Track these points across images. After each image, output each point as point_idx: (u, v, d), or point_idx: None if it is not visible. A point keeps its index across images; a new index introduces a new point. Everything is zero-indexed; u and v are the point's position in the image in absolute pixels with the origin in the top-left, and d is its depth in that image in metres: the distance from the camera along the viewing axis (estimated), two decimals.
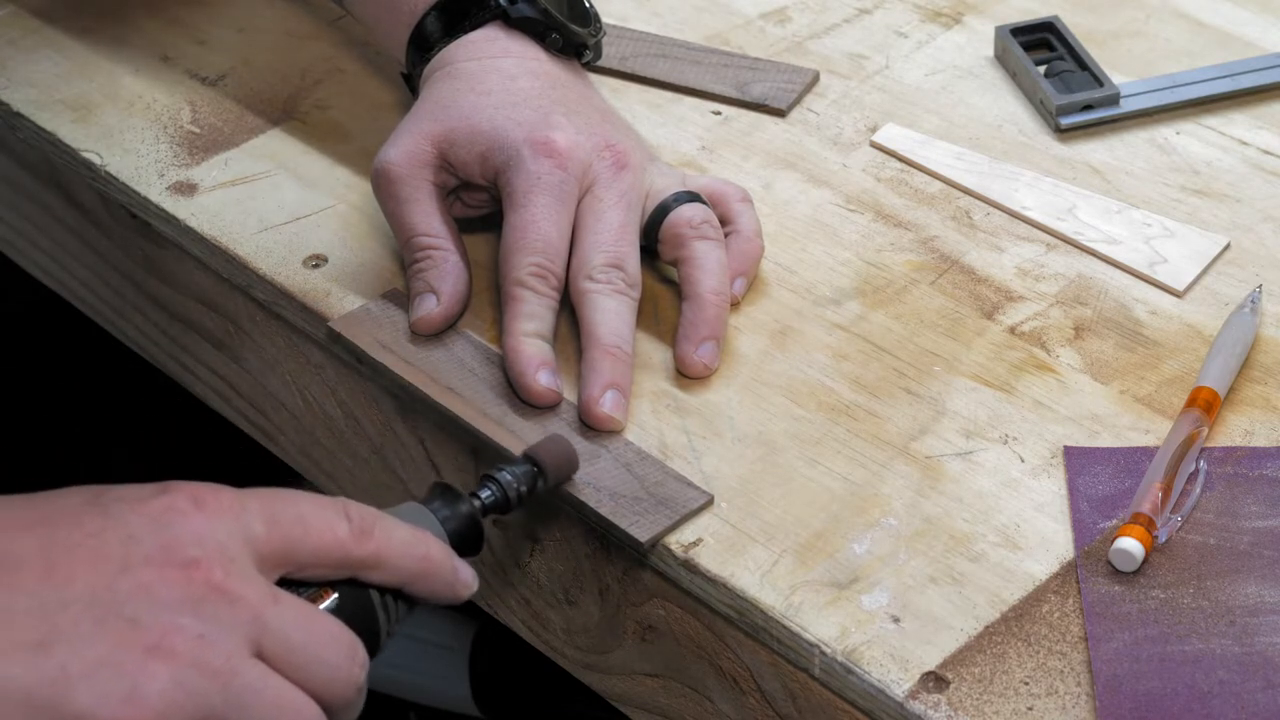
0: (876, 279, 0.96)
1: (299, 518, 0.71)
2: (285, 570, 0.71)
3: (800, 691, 0.81)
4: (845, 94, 1.09)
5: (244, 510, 0.70)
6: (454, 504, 0.78)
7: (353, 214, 1.00)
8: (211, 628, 0.67)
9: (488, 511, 0.79)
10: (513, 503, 0.80)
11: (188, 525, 0.69)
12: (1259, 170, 1.03)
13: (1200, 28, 1.13)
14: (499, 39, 0.98)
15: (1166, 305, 0.95)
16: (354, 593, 0.72)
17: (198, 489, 0.70)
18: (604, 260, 0.91)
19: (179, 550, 0.68)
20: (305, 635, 0.69)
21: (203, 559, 0.68)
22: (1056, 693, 0.77)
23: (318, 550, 0.71)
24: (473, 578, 0.76)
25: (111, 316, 1.11)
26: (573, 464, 0.83)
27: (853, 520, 0.84)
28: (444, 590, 0.75)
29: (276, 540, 0.70)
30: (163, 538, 0.68)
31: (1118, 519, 0.83)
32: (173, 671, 0.65)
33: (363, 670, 0.71)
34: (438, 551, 0.74)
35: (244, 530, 0.70)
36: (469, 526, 0.78)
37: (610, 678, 0.90)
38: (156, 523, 0.69)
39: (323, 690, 0.69)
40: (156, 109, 1.08)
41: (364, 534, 0.72)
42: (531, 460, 0.81)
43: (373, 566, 0.72)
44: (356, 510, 0.73)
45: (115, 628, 0.66)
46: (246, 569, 0.69)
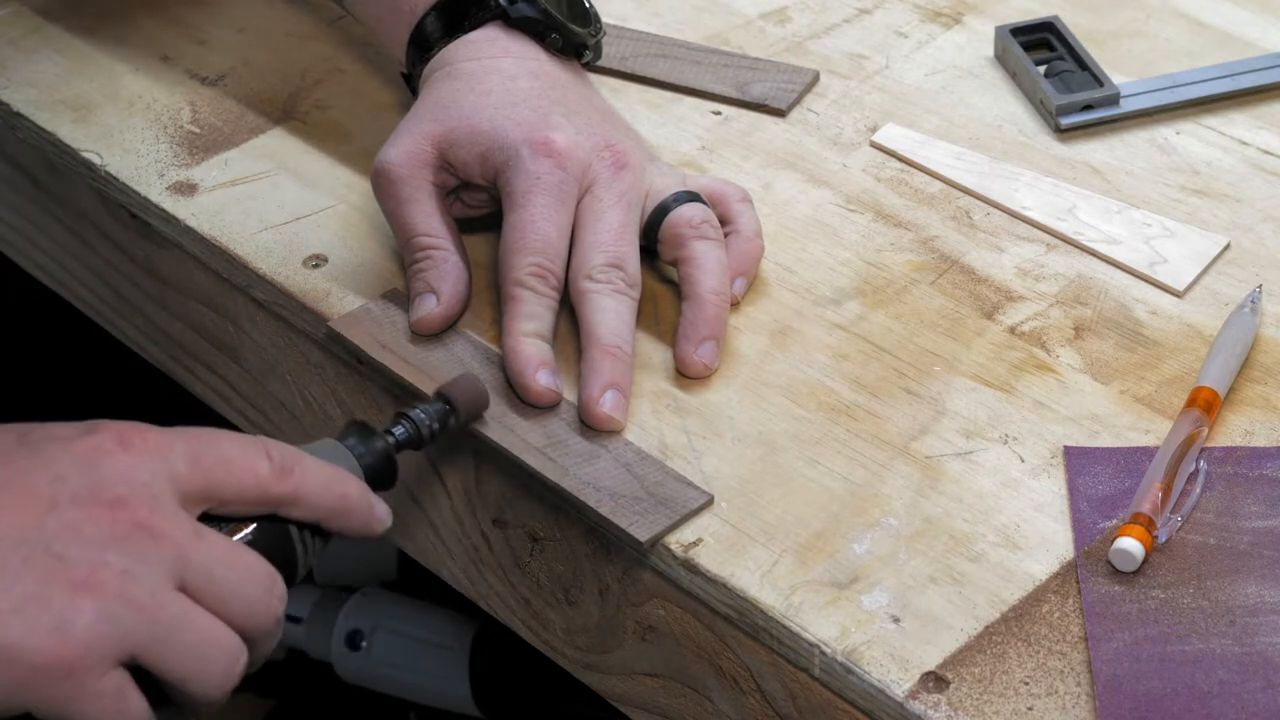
0: (876, 279, 0.96)
1: (222, 457, 0.74)
2: (208, 506, 0.74)
3: (800, 691, 0.81)
4: (845, 94, 1.09)
5: (169, 450, 0.73)
6: (369, 440, 0.81)
7: (353, 214, 1.00)
8: (136, 564, 0.70)
9: (401, 447, 0.83)
10: (425, 439, 0.84)
11: (114, 465, 0.72)
12: (1259, 170, 1.03)
13: (1200, 28, 1.13)
14: (499, 39, 0.98)
15: (1166, 305, 0.95)
16: (273, 528, 0.76)
17: (124, 429, 0.73)
18: (604, 260, 0.91)
19: (106, 489, 0.71)
20: (227, 570, 0.72)
21: (129, 498, 0.71)
22: (1056, 693, 0.77)
23: (239, 488, 0.74)
24: (387, 513, 0.80)
25: (111, 316, 1.11)
26: (483, 401, 0.86)
27: (853, 520, 0.84)
28: (360, 525, 0.78)
29: (199, 478, 0.73)
30: (90, 477, 0.71)
31: (1118, 519, 0.83)
32: (99, 605, 0.68)
33: (281, 602, 0.74)
34: (355, 489, 0.78)
35: (169, 469, 0.72)
36: (383, 462, 0.81)
37: (610, 678, 0.90)
38: (84, 462, 0.72)
39: (243, 621, 0.72)
40: (156, 109, 1.08)
41: (284, 472, 0.75)
42: (444, 398, 0.85)
43: (292, 503, 0.76)
44: (277, 449, 0.76)
45: (43, 564, 0.69)
46: (170, 507, 0.72)
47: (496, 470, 0.89)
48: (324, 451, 0.80)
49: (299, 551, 0.77)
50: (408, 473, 0.95)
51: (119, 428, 0.73)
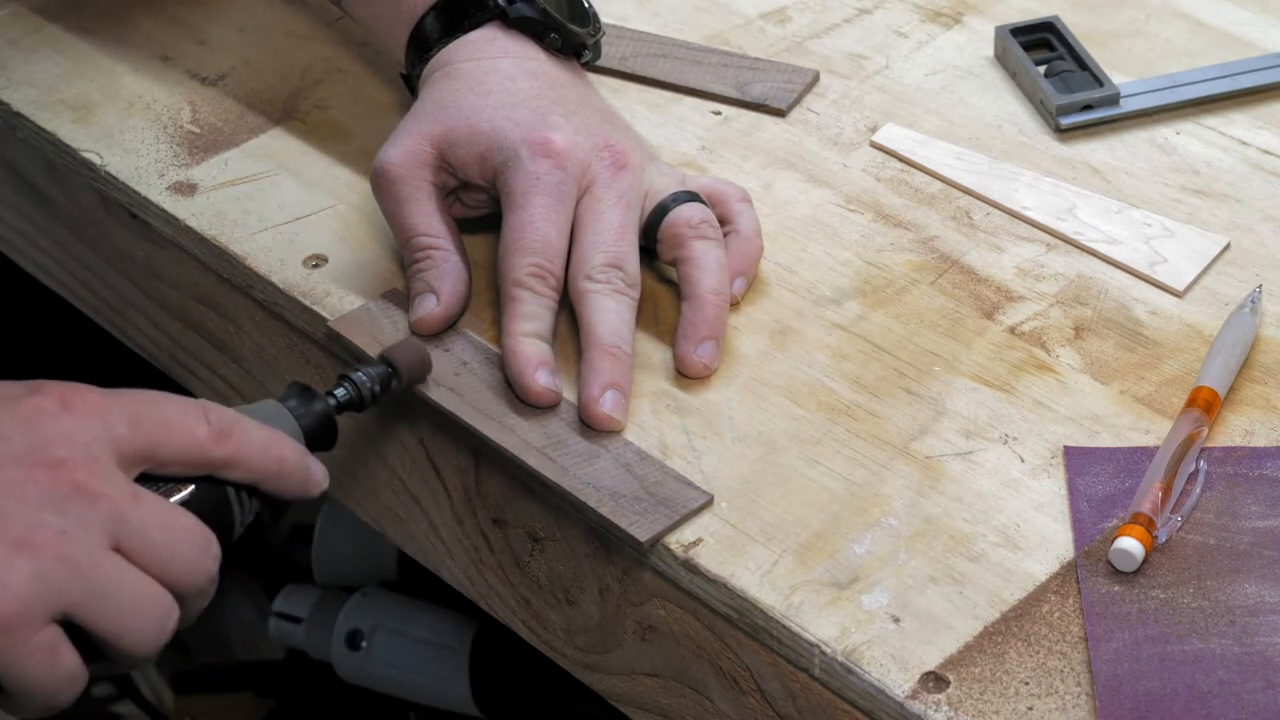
0: (876, 279, 0.96)
1: (161, 419, 0.76)
2: (146, 467, 0.75)
3: (800, 691, 0.81)
4: (845, 94, 1.09)
5: (109, 411, 0.74)
6: (310, 402, 0.83)
7: (353, 214, 1.00)
8: (73, 524, 0.71)
9: (342, 409, 0.84)
10: (366, 401, 0.85)
11: (55, 426, 0.73)
12: (1259, 170, 1.03)
13: (1200, 28, 1.13)
14: (498, 39, 0.98)
15: (1166, 305, 0.95)
16: (210, 489, 0.77)
17: (66, 390, 0.75)
18: (603, 260, 0.91)
19: (46, 450, 0.72)
20: (163, 531, 0.74)
21: (68, 459, 0.72)
22: (1056, 693, 0.77)
23: (178, 450, 0.76)
24: (323, 474, 0.81)
25: (111, 316, 1.11)
26: (426, 365, 0.88)
27: (853, 520, 0.84)
28: (296, 488, 0.80)
29: (139, 440, 0.75)
30: (31, 438, 0.73)
31: (1118, 519, 0.83)
32: (35, 565, 0.70)
33: (215, 562, 0.75)
34: (291, 452, 0.79)
35: (108, 431, 0.74)
36: (323, 423, 0.83)
37: (610, 678, 0.90)
38: (26, 423, 0.73)
39: (177, 581, 0.74)
40: (156, 109, 1.08)
41: (222, 435, 0.77)
42: (386, 361, 0.86)
43: (230, 466, 0.77)
44: (216, 413, 0.77)
45: None
46: (109, 468, 0.73)
47: (496, 470, 0.89)
48: (264, 413, 0.81)
49: (235, 512, 0.78)
50: (408, 473, 0.95)
51: (61, 389, 0.75)
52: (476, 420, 0.88)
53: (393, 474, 0.96)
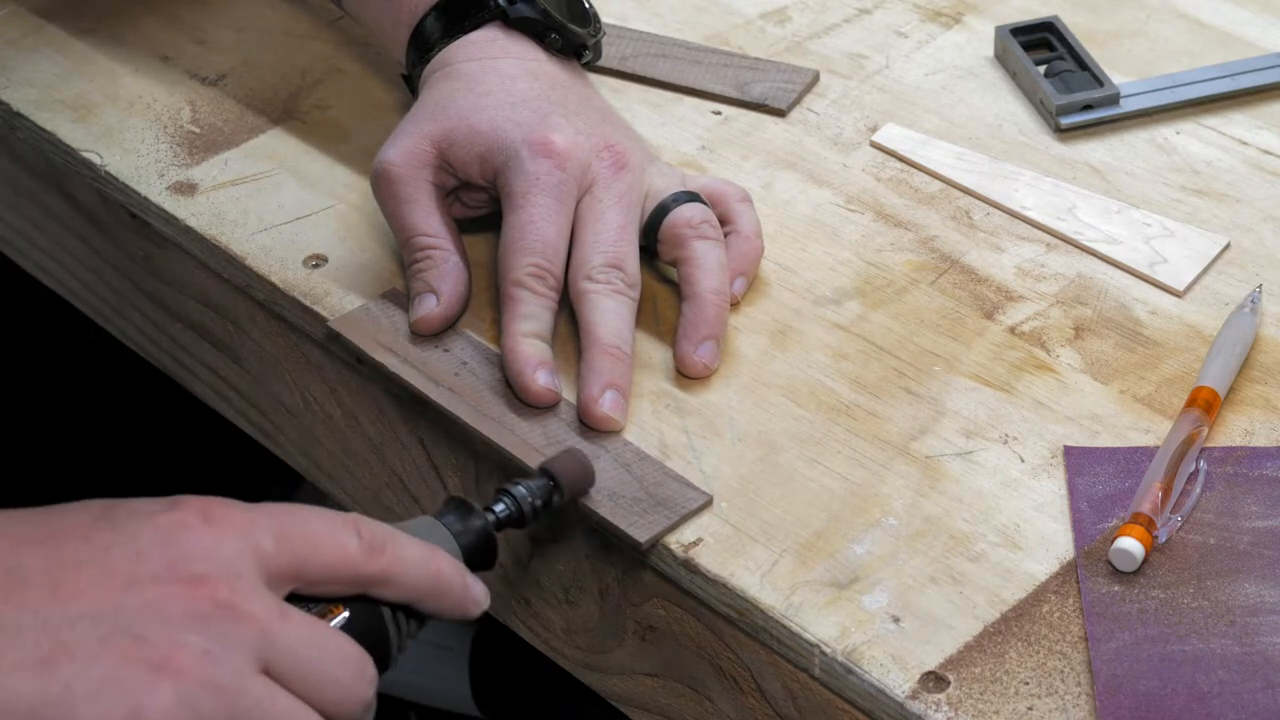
0: (876, 279, 0.96)
1: (309, 534, 0.70)
2: (295, 586, 0.70)
3: (800, 691, 0.81)
4: (845, 94, 1.09)
5: (253, 526, 0.69)
6: (467, 518, 0.77)
7: (353, 214, 1.00)
8: (217, 645, 0.66)
9: (502, 526, 0.79)
10: (528, 517, 0.80)
11: (196, 541, 0.68)
12: (1259, 170, 1.03)
13: (1200, 28, 1.13)
14: (498, 39, 0.98)
15: (1166, 305, 0.95)
16: (364, 609, 0.72)
17: (208, 504, 0.70)
18: (603, 260, 0.91)
19: (186, 566, 0.67)
20: (314, 652, 0.68)
21: (210, 575, 0.67)
22: (1056, 693, 0.77)
23: (327, 567, 0.71)
24: (484, 594, 0.75)
25: (111, 316, 1.11)
26: (589, 478, 0.83)
27: (853, 520, 0.84)
28: (454, 608, 0.74)
29: (286, 556, 0.70)
30: (170, 553, 0.68)
31: (1118, 519, 0.83)
32: (178, 689, 0.65)
33: (371, 686, 0.70)
34: (449, 568, 0.74)
35: (253, 546, 0.69)
36: (482, 541, 0.77)
37: (610, 678, 0.90)
38: (165, 538, 0.68)
39: (331, 707, 0.69)
40: (156, 109, 1.08)
41: (374, 551, 0.71)
42: (548, 474, 0.81)
43: (383, 583, 0.72)
44: (368, 527, 0.72)
45: (121, 645, 0.66)
46: (255, 585, 0.68)
47: (496, 470, 0.89)
48: (419, 529, 0.76)
49: (392, 634, 0.73)
50: (408, 473, 0.95)
51: (202, 503, 0.70)
52: (476, 420, 0.88)
53: (393, 474, 0.96)
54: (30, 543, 0.68)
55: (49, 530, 0.68)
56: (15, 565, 0.67)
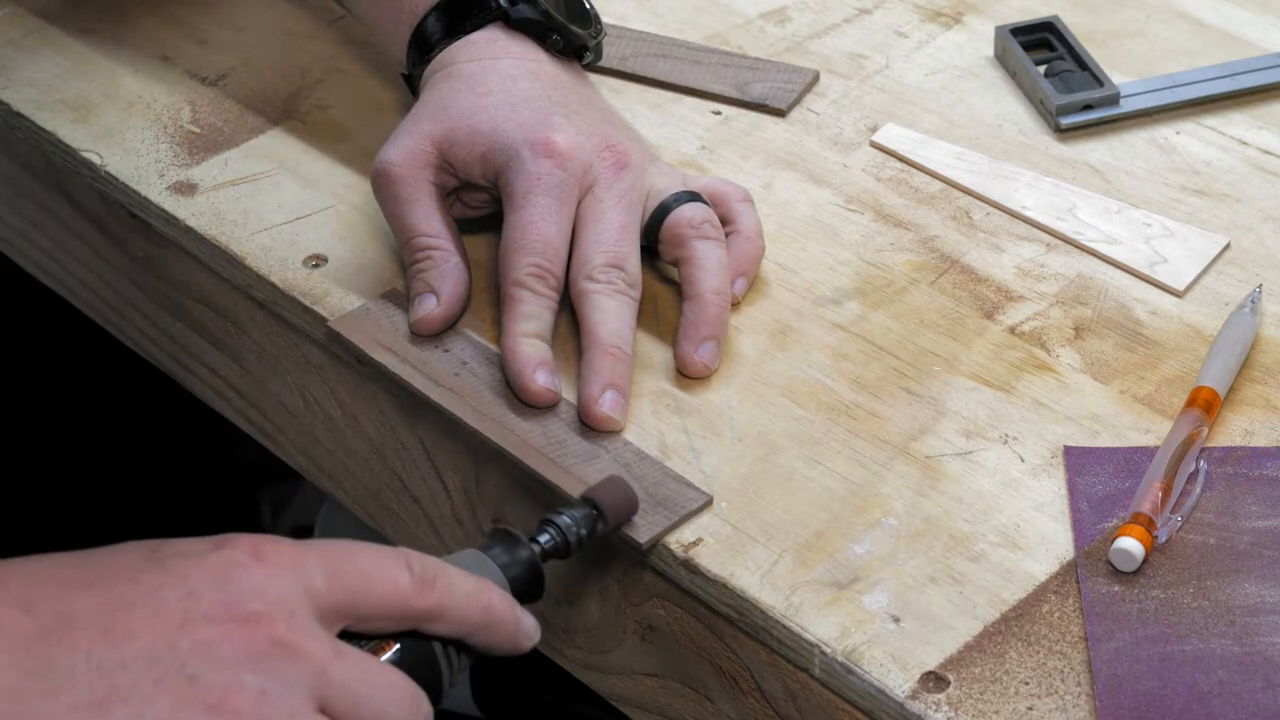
0: (876, 279, 0.96)
1: (360, 570, 0.70)
2: (347, 623, 0.70)
3: (800, 691, 0.81)
4: (845, 94, 1.09)
5: (304, 563, 0.69)
6: (514, 550, 0.77)
7: (353, 214, 1.00)
8: (274, 684, 0.66)
9: (548, 556, 0.78)
10: (573, 547, 0.79)
11: (248, 579, 0.68)
12: (1259, 170, 1.03)
13: (1200, 28, 1.13)
14: (499, 40, 0.98)
15: (1166, 305, 0.95)
16: (416, 644, 0.72)
17: (257, 541, 0.69)
18: (604, 260, 0.91)
19: (239, 605, 0.67)
20: (369, 689, 0.68)
21: (264, 613, 0.67)
22: (1056, 693, 0.77)
23: (380, 602, 0.70)
24: (535, 627, 0.75)
25: (111, 316, 1.11)
26: (633, 506, 0.82)
27: (853, 520, 0.84)
28: (506, 641, 0.74)
29: (338, 593, 0.69)
30: (222, 593, 0.67)
31: (1118, 519, 0.83)
32: None
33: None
34: (500, 602, 0.74)
35: (305, 583, 0.68)
36: (530, 572, 0.77)
37: (610, 678, 0.90)
38: (216, 577, 0.68)
39: None
40: (156, 109, 1.08)
41: (426, 585, 0.71)
42: (591, 503, 0.81)
43: (435, 618, 0.72)
44: (418, 561, 0.72)
45: (176, 686, 0.65)
46: (308, 622, 0.68)
47: (496, 470, 0.89)
48: (467, 562, 0.76)
49: (444, 669, 0.73)
50: (408, 473, 0.95)
51: (252, 541, 0.69)
52: (476, 420, 0.88)
53: (393, 474, 0.96)
54: (79, 586, 0.67)
55: (97, 573, 0.68)
56: (65, 609, 0.66)
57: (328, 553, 0.70)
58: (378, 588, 0.70)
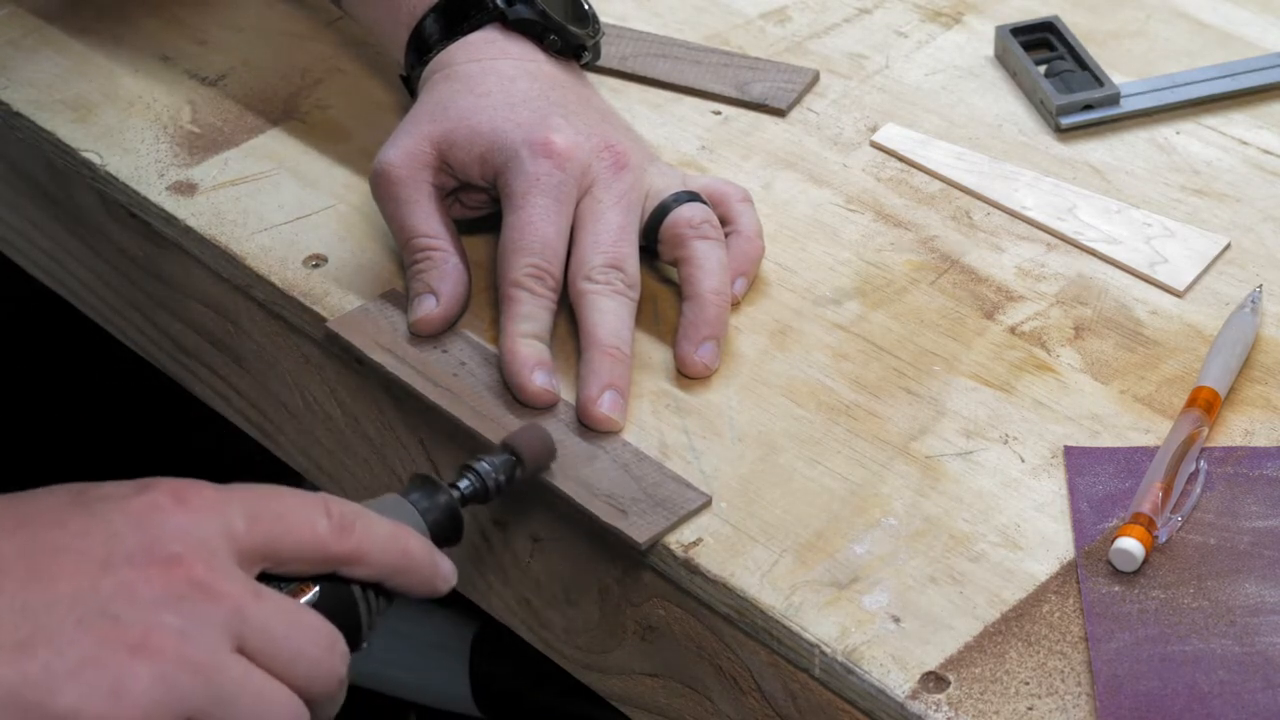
0: (876, 279, 0.96)
1: (280, 514, 0.72)
2: (266, 566, 0.71)
3: (800, 691, 0.81)
4: (845, 94, 1.09)
5: (225, 506, 0.71)
6: (433, 495, 0.79)
7: (353, 214, 1.00)
8: (193, 624, 0.67)
9: (467, 501, 0.80)
10: (491, 492, 0.81)
11: (169, 522, 0.69)
12: (1259, 170, 1.03)
13: (1200, 28, 1.13)
14: (497, 40, 0.98)
15: (1167, 305, 0.95)
16: (335, 587, 0.73)
17: (180, 486, 0.71)
18: (603, 261, 0.91)
19: (161, 548, 0.69)
20: (286, 629, 0.69)
21: (184, 555, 0.69)
22: (1057, 693, 0.77)
23: (298, 546, 0.72)
24: (452, 571, 0.77)
25: (111, 316, 1.11)
26: (550, 452, 0.84)
27: (853, 520, 0.84)
28: (423, 585, 0.76)
29: (257, 536, 0.71)
30: (145, 536, 0.69)
31: (1118, 519, 0.83)
32: (156, 668, 0.66)
33: (344, 663, 0.72)
34: (418, 546, 0.75)
35: (225, 526, 0.70)
36: (448, 517, 0.79)
37: (610, 678, 0.90)
38: (138, 520, 0.69)
39: (305, 684, 0.70)
40: (156, 109, 1.08)
41: (344, 530, 0.73)
42: (509, 449, 0.82)
43: (353, 562, 0.73)
44: (337, 506, 0.73)
45: (98, 627, 0.67)
46: (227, 565, 0.69)
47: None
48: (386, 507, 0.77)
49: (362, 611, 0.74)
50: (408, 473, 0.95)
51: (174, 485, 0.71)
52: (475, 421, 0.88)
53: (393, 474, 0.96)
54: (4, 531, 0.69)
55: (22, 518, 0.69)
56: None
57: (248, 497, 0.72)
58: (296, 532, 0.72)
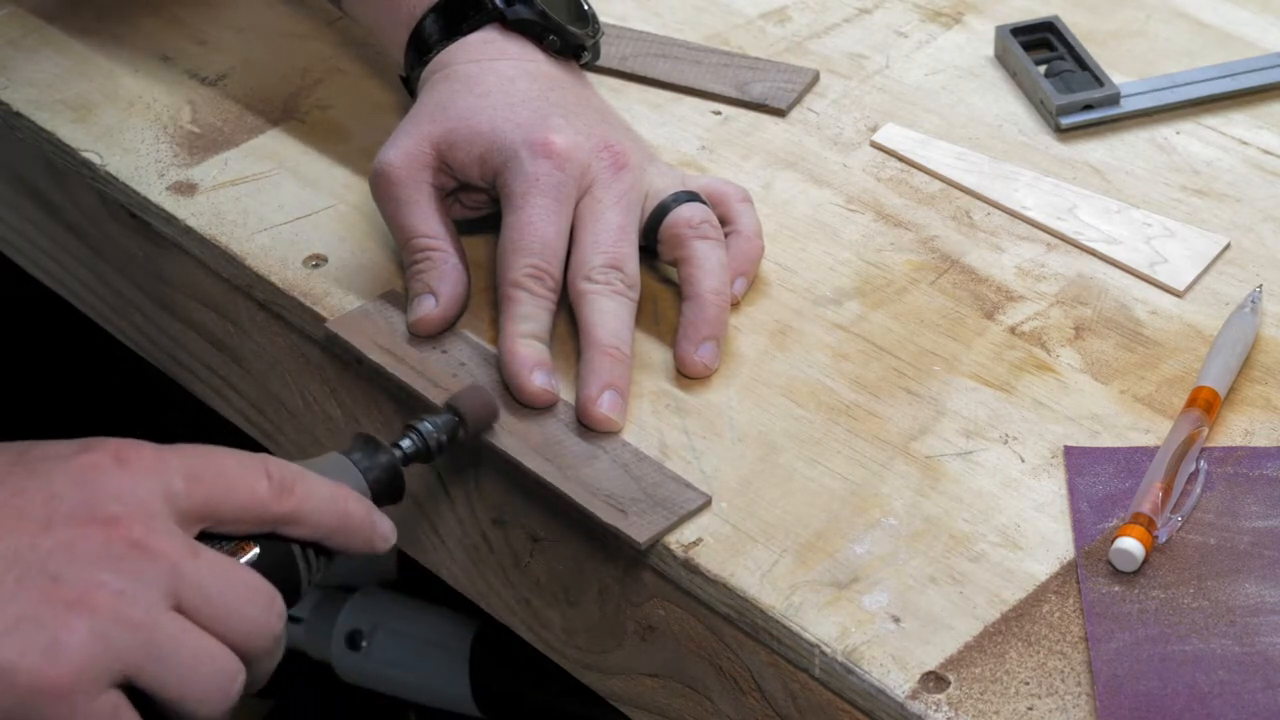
0: (876, 279, 0.96)
1: (220, 474, 0.73)
2: (206, 525, 0.73)
3: (800, 691, 0.81)
4: (845, 94, 1.09)
5: (165, 467, 0.72)
6: (375, 454, 0.80)
7: (353, 214, 1.00)
8: (131, 583, 0.69)
9: (409, 460, 0.82)
10: (434, 451, 0.83)
11: (109, 482, 0.71)
12: (1259, 170, 1.03)
13: (1200, 28, 1.13)
14: (496, 41, 0.98)
15: (1167, 305, 0.95)
16: (275, 546, 0.75)
17: (121, 446, 0.72)
18: (603, 261, 0.91)
19: (100, 507, 0.70)
20: (223, 588, 0.71)
21: (123, 515, 0.70)
22: (1057, 693, 0.77)
23: (238, 507, 0.73)
24: (390, 530, 0.79)
25: (111, 316, 1.11)
26: (493, 412, 0.86)
27: (853, 520, 0.84)
28: (362, 544, 0.78)
29: (197, 497, 0.72)
30: (85, 495, 0.70)
31: (1118, 519, 0.83)
32: (92, 625, 0.68)
33: (280, 620, 0.73)
34: (356, 507, 0.77)
35: (164, 487, 0.72)
36: (390, 476, 0.80)
37: (610, 678, 0.90)
38: (79, 480, 0.71)
39: (241, 640, 0.71)
40: (156, 109, 1.08)
41: (284, 491, 0.74)
42: (452, 410, 0.84)
43: (292, 522, 0.75)
44: (277, 467, 0.75)
45: (37, 584, 0.68)
46: (166, 525, 0.71)
47: (496, 470, 0.89)
48: (328, 467, 0.79)
49: (301, 570, 0.76)
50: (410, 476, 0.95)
51: (115, 445, 0.72)
52: None
53: None
54: None
55: None
56: None
57: (189, 458, 0.73)
58: (236, 492, 0.73)
